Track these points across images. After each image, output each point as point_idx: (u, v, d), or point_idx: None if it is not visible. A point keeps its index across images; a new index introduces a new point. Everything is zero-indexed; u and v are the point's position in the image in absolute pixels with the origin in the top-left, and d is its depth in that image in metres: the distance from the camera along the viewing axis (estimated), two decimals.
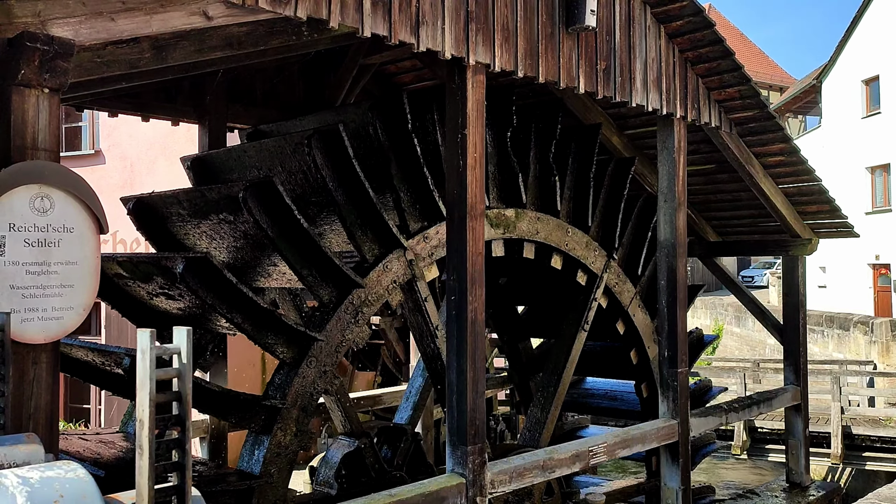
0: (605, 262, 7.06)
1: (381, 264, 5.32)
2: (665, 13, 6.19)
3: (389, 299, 5.36)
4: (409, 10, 4.45)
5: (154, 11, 3.72)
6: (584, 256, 6.88)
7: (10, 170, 3.32)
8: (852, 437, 15.93)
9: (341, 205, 5.20)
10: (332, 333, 5.09)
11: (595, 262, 6.99)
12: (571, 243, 6.76)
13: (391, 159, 5.52)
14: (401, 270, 5.42)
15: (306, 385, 4.98)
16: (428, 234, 5.59)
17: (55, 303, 3.44)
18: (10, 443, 2.84)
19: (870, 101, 25.60)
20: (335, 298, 5.16)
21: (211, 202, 5.33)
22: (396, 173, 5.52)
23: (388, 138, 5.50)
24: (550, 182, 6.61)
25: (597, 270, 6.99)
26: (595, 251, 6.99)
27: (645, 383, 7.74)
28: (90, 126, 13.54)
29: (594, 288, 6.99)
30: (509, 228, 6.25)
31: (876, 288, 24.52)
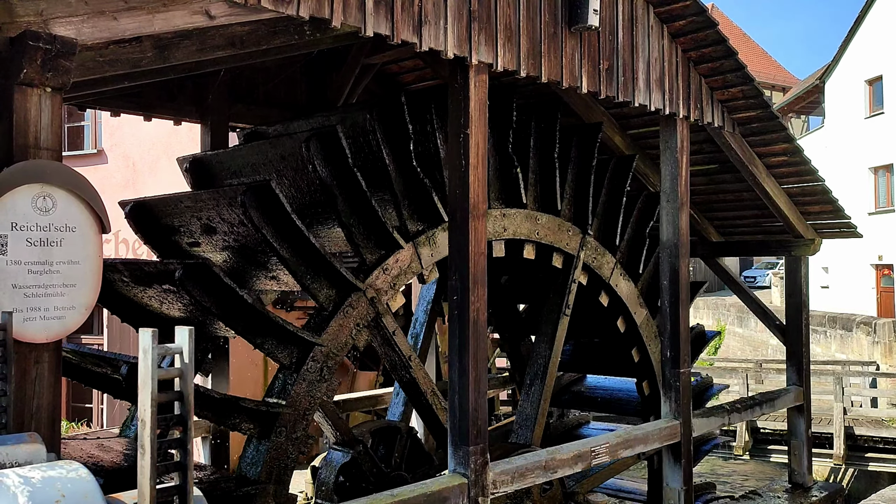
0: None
1: (341, 311, 5.07)
2: (668, 13, 6.18)
3: (356, 342, 5.17)
4: (411, 9, 4.44)
5: (156, 10, 3.72)
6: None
7: (12, 169, 3.32)
8: (855, 438, 15.90)
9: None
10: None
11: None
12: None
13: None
14: (363, 311, 5.20)
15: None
16: (387, 265, 5.32)
17: (57, 302, 3.44)
18: (12, 442, 2.84)
19: (873, 102, 25.55)
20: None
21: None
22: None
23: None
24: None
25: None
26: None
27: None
28: (92, 125, 13.56)
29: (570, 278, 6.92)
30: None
31: (879, 288, 24.47)
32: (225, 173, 6.41)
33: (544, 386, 6.68)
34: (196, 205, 5.43)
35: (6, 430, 3.23)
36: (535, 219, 6.49)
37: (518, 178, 6.23)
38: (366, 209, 5.29)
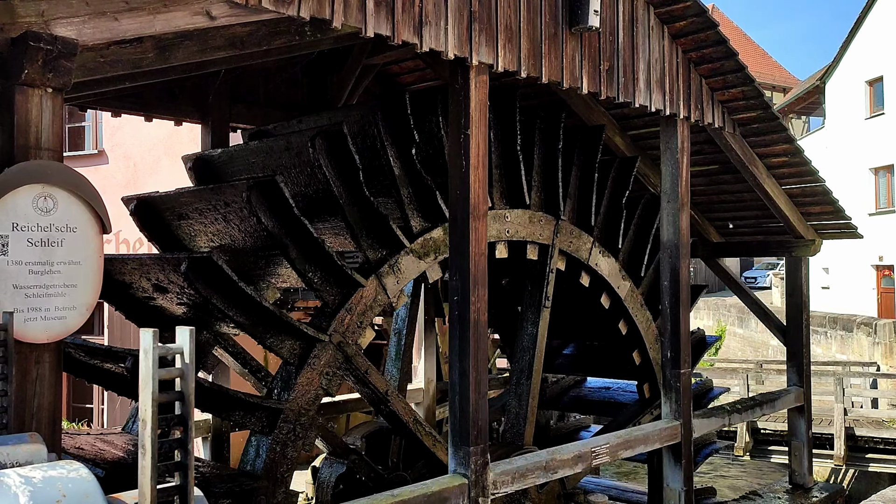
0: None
1: (307, 365, 4.93)
2: (668, 13, 6.18)
3: (329, 390, 5.08)
4: (412, 10, 4.45)
5: (157, 11, 3.72)
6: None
7: (13, 169, 3.33)
8: (855, 439, 15.88)
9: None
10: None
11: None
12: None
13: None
14: (330, 359, 5.03)
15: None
16: (351, 305, 5.14)
17: (58, 302, 3.45)
18: (13, 442, 2.85)
19: (873, 102, 25.53)
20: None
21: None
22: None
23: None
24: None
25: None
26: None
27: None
28: (93, 126, 13.56)
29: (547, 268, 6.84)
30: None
31: (879, 289, 24.45)
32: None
33: (531, 383, 6.60)
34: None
35: (7, 430, 3.23)
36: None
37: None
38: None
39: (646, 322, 7.28)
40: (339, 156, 5.14)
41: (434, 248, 5.57)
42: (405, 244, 5.46)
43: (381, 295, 5.30)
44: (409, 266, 5.42)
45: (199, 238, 5.87)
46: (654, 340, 7.30)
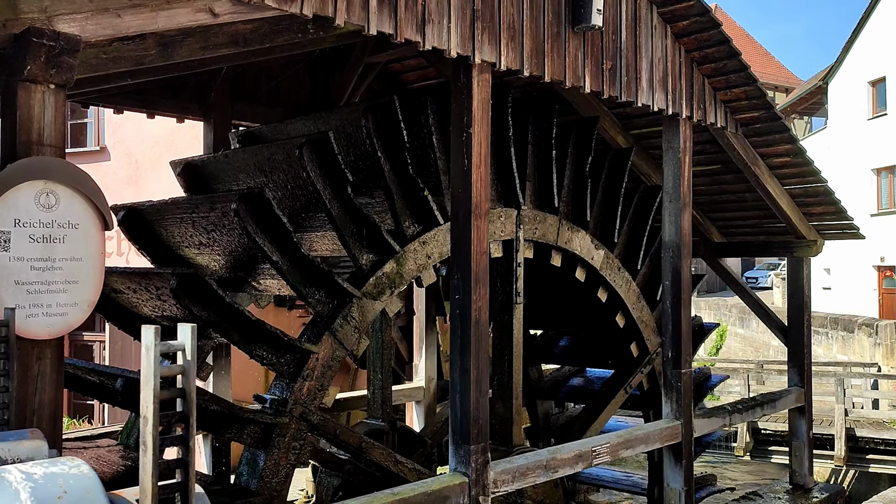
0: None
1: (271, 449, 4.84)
2: (671, 13, 6.17)
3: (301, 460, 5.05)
4: (414, 8, 4.44)
5: (160, 8, 3.72)
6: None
7: (15, 165, 3.33)
8: (856, 440, 15.88)
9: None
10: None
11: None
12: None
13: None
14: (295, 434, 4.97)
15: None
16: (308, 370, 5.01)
17: (60, 299, 3.45)
18: (14, 438, 2.85)
19: (876, 103, 25.50)
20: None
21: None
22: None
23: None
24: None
25: None
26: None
27: None
28: (95, 123, 13.57)
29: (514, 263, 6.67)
30: None
31: (881, 290, 24.43)
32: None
33: (513, 381, 6.53)
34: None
35: (8, 427, 3.24)
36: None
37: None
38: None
39: (625, 284, 7.25)
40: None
41: (389, 284, 5.41)
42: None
43: (339, 351, 5.16)
44: (369, 309, 5.28)
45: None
46: (636, 300, 7.33)
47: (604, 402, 7.26)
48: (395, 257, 5.41)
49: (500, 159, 6.31)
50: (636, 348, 7.45)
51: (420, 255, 5.57)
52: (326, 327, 5.06)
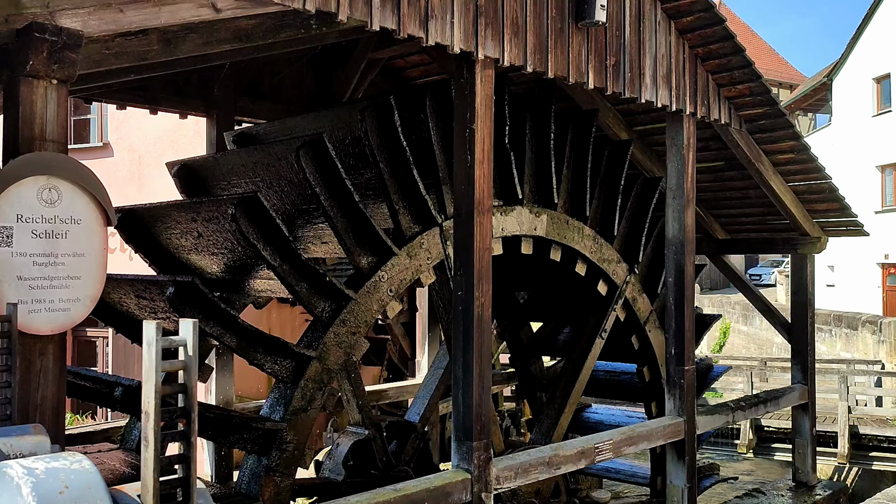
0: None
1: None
2: (675, 9, 6.15)
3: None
4: (418, 3, 4.43)
5: (163, 3, 3.72)
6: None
7: (18, 161, 3.33)
8: (859, 437, 15.85)
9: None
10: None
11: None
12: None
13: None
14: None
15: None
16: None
17: (62, 294, 3.45)
18: (17, 433, 2.85)
19: (880, 100, 25.42)
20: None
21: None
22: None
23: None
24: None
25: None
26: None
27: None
28: (98, 118, 13.57)
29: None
30: None
31: (885, 287, 24.38)
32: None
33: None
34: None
35: (11, 422, 3.24)
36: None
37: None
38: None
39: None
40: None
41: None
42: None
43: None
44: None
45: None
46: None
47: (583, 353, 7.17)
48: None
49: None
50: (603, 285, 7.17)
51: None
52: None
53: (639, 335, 7.44)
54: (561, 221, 6.50)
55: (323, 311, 5.11)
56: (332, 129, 5.83)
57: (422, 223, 5.60)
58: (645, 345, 7.50)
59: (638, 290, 7.34)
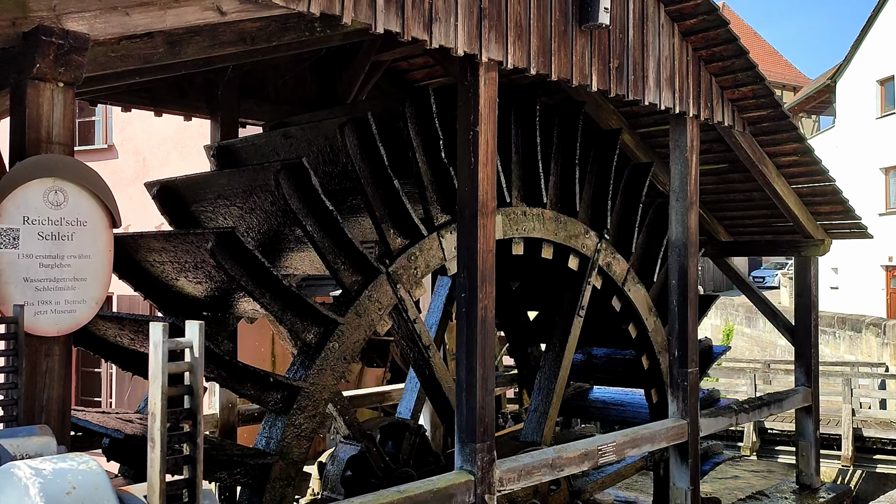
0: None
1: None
2: (679, 11, 6.16)
3: None
4: (422, 6, 4.45)
5: (168, 6, 3.74)
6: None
7: (24, 163, 3.35)
8: (863, 440, 15.84)
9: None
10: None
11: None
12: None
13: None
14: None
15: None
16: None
17: (68, 296, 3.47)
18: (23, 434, 2.86)
19: (884, 102, 25.41)
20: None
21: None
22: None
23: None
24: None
25: None
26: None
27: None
28: (103, 120, 13.61)
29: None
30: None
31: (889, 290, 24.35)
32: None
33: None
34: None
35: (17, 423, 3.26)
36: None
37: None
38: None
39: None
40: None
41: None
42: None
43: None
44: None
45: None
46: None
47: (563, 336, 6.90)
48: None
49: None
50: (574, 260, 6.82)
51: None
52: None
53: (619, 296, 7.16)
54: (517, 215, 6.26)
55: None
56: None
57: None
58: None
59: (611, 254, 6.99)
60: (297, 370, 4.99)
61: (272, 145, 6.36)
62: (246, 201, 5.58)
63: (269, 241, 5.78)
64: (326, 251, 5.09)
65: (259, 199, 5.45)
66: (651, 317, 7.39)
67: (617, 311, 7.32)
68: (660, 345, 7.45)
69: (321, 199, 5.00)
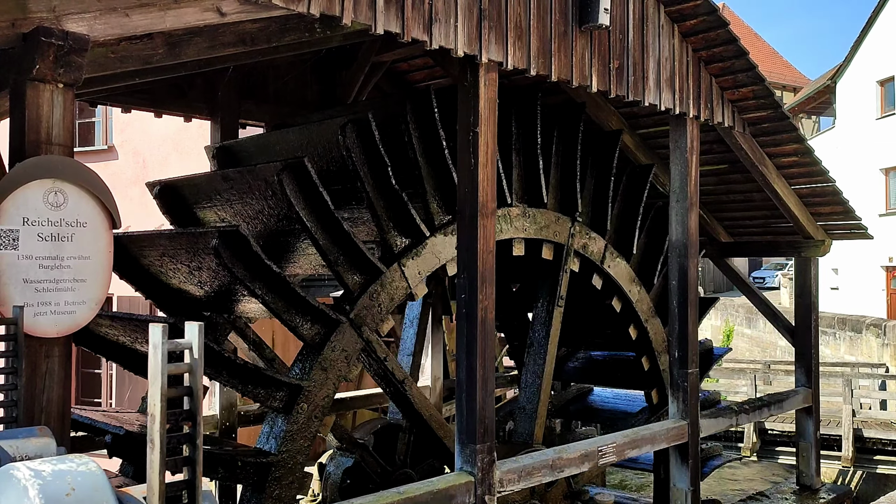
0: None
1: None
2: (679, 12, 6.16)
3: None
4: (422, 7, 4.45)
5: (168, 7, 3.74)
6: None
7: (24, 164, 3.34)
8: (863, 440, 15.81)
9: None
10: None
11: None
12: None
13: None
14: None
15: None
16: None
17: (68, 297, 3.46)
18: (23, 436, 2.86)
19: (884, 102, 25.39)
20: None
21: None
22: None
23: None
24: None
25: None
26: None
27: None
28: (103, 121, 13.61)
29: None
30: None
31: (889, 290, 24.33)
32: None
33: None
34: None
35: (17, 424, 3.26)
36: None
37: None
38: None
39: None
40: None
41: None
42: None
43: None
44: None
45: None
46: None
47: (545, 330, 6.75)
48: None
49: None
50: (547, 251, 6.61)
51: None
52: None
53: (598, 273, 6.97)
54: None
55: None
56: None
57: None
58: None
59: (586, 235, 6.79)
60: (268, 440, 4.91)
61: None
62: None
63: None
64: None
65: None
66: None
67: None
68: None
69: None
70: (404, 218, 5.45)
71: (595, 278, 7.02)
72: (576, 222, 6.69)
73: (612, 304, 7.22)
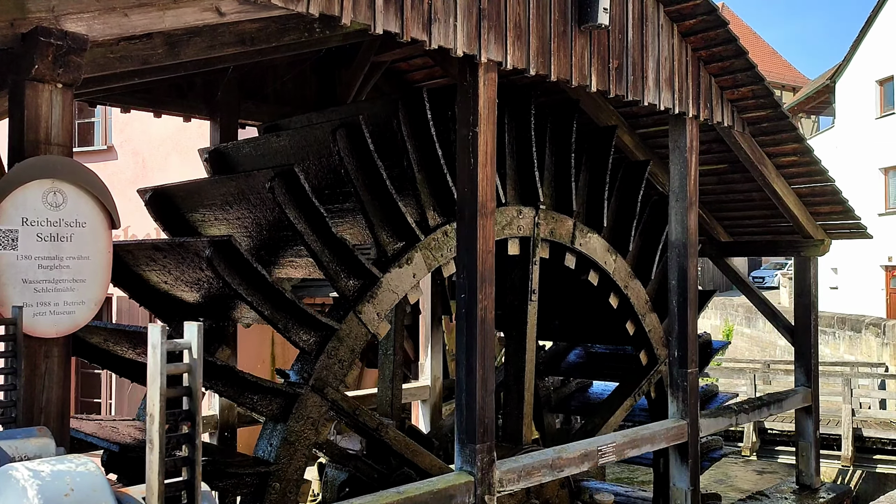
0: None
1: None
2: (678, 11, 6.16)
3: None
4: (421, 7, 4.44)
5: (167, 7, 3.73)
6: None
7: (23, 164, 3.34)
8: (863, 440, 15.82)
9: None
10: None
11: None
12: None
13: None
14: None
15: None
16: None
17: (67, 297, 3.46)
18: (22, 436, 2.86)
19: (884, 102, 25.39)
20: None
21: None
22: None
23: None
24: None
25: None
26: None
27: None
28: (102, 121, 13.60)
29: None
30: None
31: (888, 290, 24.34)
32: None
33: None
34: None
35: (16, 424, 3.25)
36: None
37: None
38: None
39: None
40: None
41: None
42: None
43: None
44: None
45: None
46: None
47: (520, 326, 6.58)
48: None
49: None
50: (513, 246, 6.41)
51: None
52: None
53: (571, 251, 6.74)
54: None
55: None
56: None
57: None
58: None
59: (552, 219, 6.49)
60: None
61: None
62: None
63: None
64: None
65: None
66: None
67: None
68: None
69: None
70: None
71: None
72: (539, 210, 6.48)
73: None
